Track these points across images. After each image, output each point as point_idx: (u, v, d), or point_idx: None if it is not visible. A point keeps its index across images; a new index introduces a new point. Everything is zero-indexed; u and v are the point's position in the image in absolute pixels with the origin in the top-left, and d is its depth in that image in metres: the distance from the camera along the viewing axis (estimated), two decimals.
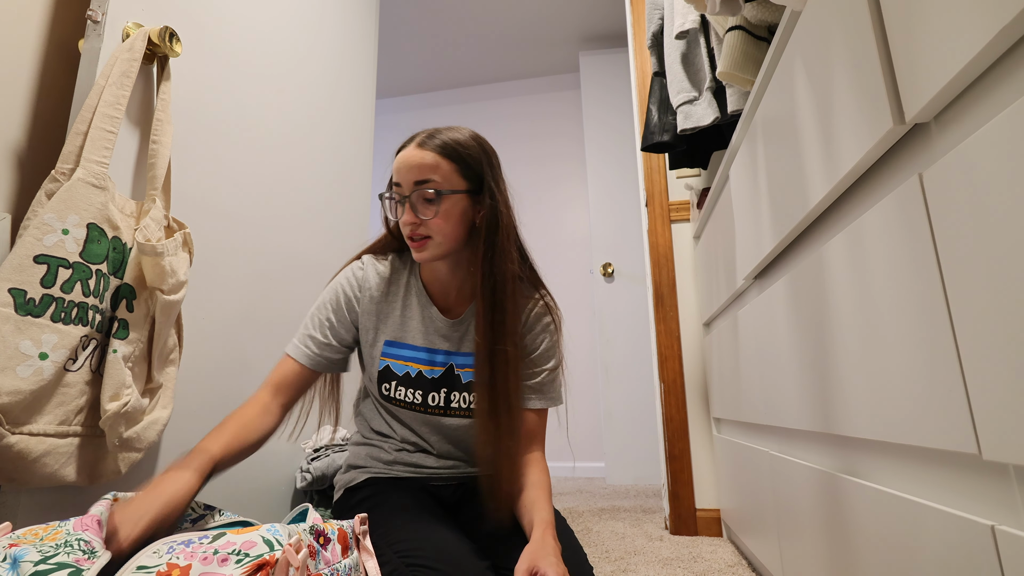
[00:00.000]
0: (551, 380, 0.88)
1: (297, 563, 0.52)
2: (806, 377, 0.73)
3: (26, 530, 0.49)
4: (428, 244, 0.81)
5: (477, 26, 2.88)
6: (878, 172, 0.55)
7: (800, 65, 0.68)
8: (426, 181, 0.79)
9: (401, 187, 0.80)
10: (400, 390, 0.86)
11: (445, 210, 0.80)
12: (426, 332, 0.88)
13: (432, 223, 0.79)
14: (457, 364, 0.88)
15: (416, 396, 0.86)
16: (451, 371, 0.88)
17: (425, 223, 0.79)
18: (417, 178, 0.79)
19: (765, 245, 0.88)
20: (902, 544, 0.50)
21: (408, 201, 0.80)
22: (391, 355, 0.87)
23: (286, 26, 1.29)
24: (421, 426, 0.88)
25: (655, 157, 1.80)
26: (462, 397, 0.87)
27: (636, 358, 2.60)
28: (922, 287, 0.45)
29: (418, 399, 0.86)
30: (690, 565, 1.25)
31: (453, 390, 0.87)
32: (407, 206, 0.80)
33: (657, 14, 1.50)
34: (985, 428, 0.38)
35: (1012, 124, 0.34)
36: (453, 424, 0.88)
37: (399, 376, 0.86)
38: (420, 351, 0.87)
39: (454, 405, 0.87)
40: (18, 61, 0.81)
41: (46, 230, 0.68)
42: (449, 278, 0.88)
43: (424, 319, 0.88)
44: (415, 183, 0.79)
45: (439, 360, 0.87)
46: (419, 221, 0.79)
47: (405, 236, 0.82)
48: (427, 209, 0.80)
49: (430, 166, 0.79)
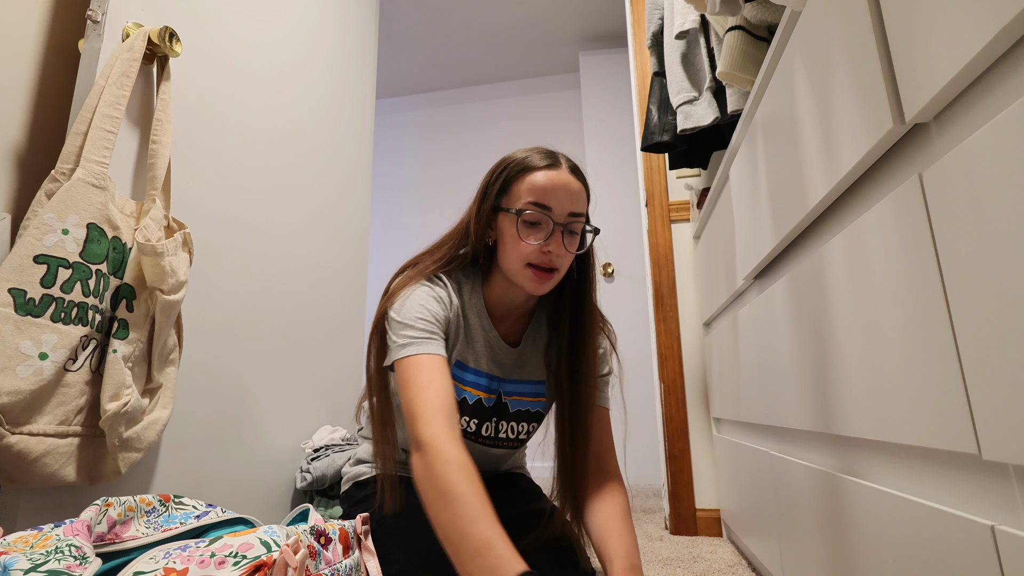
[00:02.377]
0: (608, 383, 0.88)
1: (295, 563, 0.52)
2: (806, 377, 0.73)
3: (16, 536, 0.49)
4: (554, 277, 0.77)
5: (477, 26, 2.88)
6: (878, 172, 0.55)
7: (800, 65, 0.68)
8: (580, 215, 0.76)
9: (551, 211, 0.75)
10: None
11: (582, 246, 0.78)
12: (488, 357, 0.84)
13: (568, 257, 0.76)
14: (505, 392, 0.85)
15: (471, 425, 0.83)
16: (500, 399, 0.85)
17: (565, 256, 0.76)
18: (574, 209, 0.76)
19: (765, 245, 0.88)
20: (902, 544, 0.50)
21: (561, 229, 0.75)
22: (456, 377, 0.81)
23: (286, 26, 1.29)
24: None
25: (655, 157, 1.80)
26: (510, 427, 0.85)
27: (636, 358, 2.60)
28: (922, 287, 0.44)
29: (472, 428, 0.83)
30: (690, 565, 1.25)
31: (502, 419, 0.85)
32: (556, 234, 0.74)
33: (657, 14, 1.50)
34: (985, 428, 0.38)
35: (1012, 124, 0.34)
36: (496, 453, 0.87)
37: (458, 401, 0.81)
38: (482, 376, 0.83)
39: (502, 435, 0.85)
40: (18, 61, 0.81)
41: (46, 230, 0.68)
42: (522, 305, 0.85)
43: (487, 343, 0.84)
44: (571, 214, 0.75)
45: (493, 387, 0.84)
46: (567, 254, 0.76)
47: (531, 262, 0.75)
48: (573, 243, 0.77)
49: (583, 200, 0.77)
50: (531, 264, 0.75)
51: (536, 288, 0.76)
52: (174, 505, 0.69)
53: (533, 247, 0.74)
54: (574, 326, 0.82)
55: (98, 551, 0.55)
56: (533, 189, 0.75)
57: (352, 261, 1.53)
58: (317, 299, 1.34)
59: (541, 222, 0.75)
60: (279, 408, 1.19)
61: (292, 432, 1.23)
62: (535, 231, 0.75)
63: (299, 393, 1.26)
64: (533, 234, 0.75)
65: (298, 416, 1.26)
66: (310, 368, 1.29)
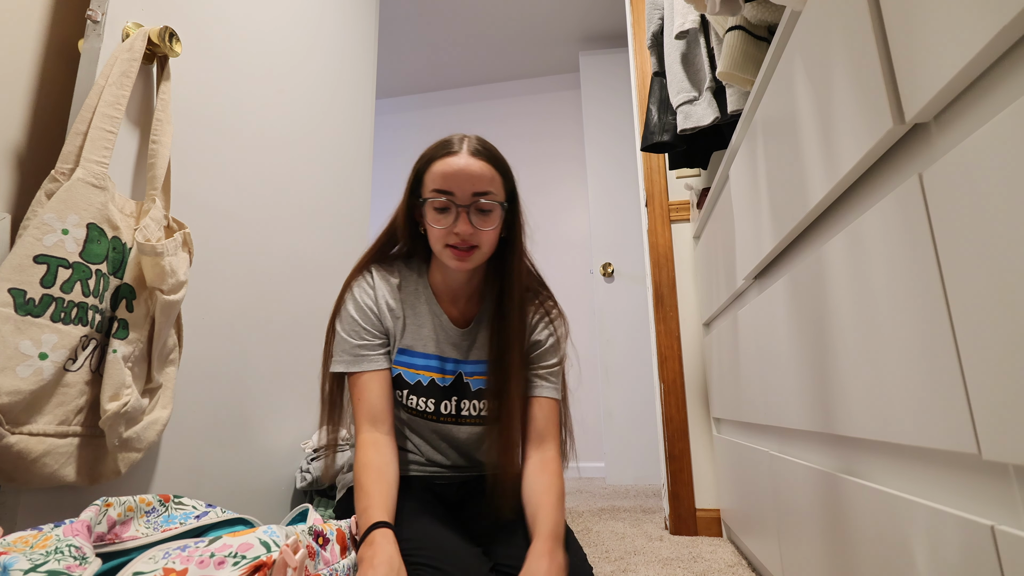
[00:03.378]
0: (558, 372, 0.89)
1: (294, 563, 0.52)
2: (806, 377, 0.73)
3: (16, 536, 0.49)
4: (475, 254, 0.81)
5: (477, 26, 2.88)
6: (878, 172, 0.55)
7: (800, 65, 0.68)
8: (486, 193, 0.80)
9: (454, 195, 0.79)
10: (412, 398, 0.86)
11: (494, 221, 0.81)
12: (437, 340, 0.88)
13: (484, 234, 0.80)
14: (466, 372, 0.88)
15: (428, 405, 0.86)
16: (460, 379, 0.88)
17: (477, 233, 0.80)
18: (477, 189, 0.79)
19: (765, 245, 0.88)
20: (902, 544, 0.50)
21: (465, 211, 0.79)
22: (403, 363, 0.87)
23: (286, 26, 1.29)
24: (431, 435, 0.89)
25: (655, 157, 1.80)
26: (472, 405, 0.87)
27: (636, 358, 2.60)
28: (922, 287, 0.44)
29: (430, 407, 0.86)
30: (690, 565, 1.25)
31: (464, 398, 0.87)
32: (463, 216, 0.79)
33: (657, 14, 1.50)
34: (985, 428, 0.38)
35: (1012, 124, 0.34)
36: (464, 432, 0.88)
37: (411, 384, 0.86)
38: (432, 359, 0.87)
39: (465, 413, 0.87)
40: (18, 61, 0.81)
41: (46, 230, 0.68)
42: (464, 286, 0.89)
43: (435, 327, 0.88)
44: (474, 194, 0.79)
45: (449, 368, 0.88)
46: (476, 231, 0.80)
47: (448, 243, 0.80)
48: (484, 220, 0.81)
49: (488, 178, 0.80)
50: (448, 245, 0.80)
51: (458, 265, 0.81)
52: (174, 505, 0.69)
53: (443, 230, 0.80)
54: (499, 295, 0.87)
55: (98, 551, 0.55)
56: (435, 177, 0.80)
57: (352, 261, 1.52)
58: (317, 299, 1.34)
59: (448, 207, 0.80)
60: (279, 408, 1.19)
61: (292, 432, 1.23)
62: (443, 216, 0.80)
63: (299, 393, 1.26)
64: (442, 218, 0.80)
65: (298, 416, 1.26)
66: (310, 368, 1.29)
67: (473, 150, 0.81)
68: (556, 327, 0.91)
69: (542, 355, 0.88)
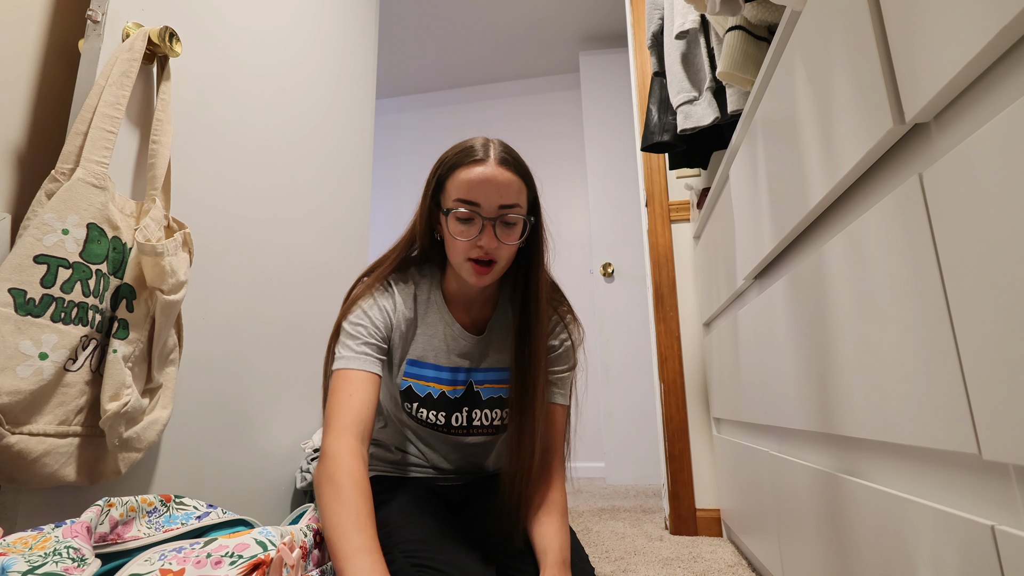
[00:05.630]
0: (568, 379, 0.88)
1: (292, 561, 0.52)
2: (806, 377, 0.73)
3: (15, 537, 0.49)
4: (494, 269, 0.77)
5: (477, 26, 2.88)
6: (878, 172, 0.55)
7: (800, 65, 0.68)
8: (514, 206, 0.76)
9: (480, 207, 0.75)
10: (422, 411, 0.84)
11: (517, 235, 0.78)
12: (448, 351, 0.85)
13: (506, 248, 0.76)
14: (476, 381, 0.86)
15: (439, 418, 0.84)
16: (471, 389, 0.85)
17: (500, 247, 0.76)
18: (504, 202, 0.75)
19: (765, 245, 0.88)
20: (902, 544, 0.50)
21: (491, 223, 0.75)
22: (413, 375, 0.84)
23: (286, 26, 1.29)
24: (441, 444, 0.88)
25: (655, 157, 1.80)
26: (483, 415, 0.85)
27: (636, 358, 2.60)
28: (922, 287, 0.44)
29: (441, 420, 0.84)
30: (690, 565, 1.25)
31: (475, 408, 0.85)
32: (488, 229, 0.75)
33: (657, 14, 1.50)
34: (985, 428, 0.38)
35: (1012, 124, 0.34)
36: (474, 442, 0.87)
37: (421, 397, 0.83)
38: (443, 371, 0.85)
39: (476, 423, 0.85)
40: (18, 61, 0.81)
41: (46, 230, 0.68)
42: (479, 293, 0.85)
43: (447, 336, 0.85)
44: (501, 207, 0.75)
45: (460, 379, 0.85)
46: (500, 245, 0.75)
47: (467, 256, 0.76)
48: (508, 234, 0.76)
49: (516, 189, 0.76)
50: (469, 259, 0.77)
51: (477, 280, 0.77)
52: (175, 505, 0.69)
53: (467, 243, 0.76)
54: (523, 309, 0.83)
55: (99, 551, 0.55)
56: (461, 186, 0.76)
57: (352, 261, 1.53)
58: (318, 299, 1.34)
59: (472, 218, 0.75)
60: (279, 408, 1.19)
61: (292, 432, 1.23)
62: (467, 227, 0.76)
63: (299, 393, 1.26)
64: (466, 231, 0.76)
65: (298, 416, 1.26)
66: (310, 368, 1.29)
67: (500, 159, 0.76)
68: (571, 332, 0.88)
69: (553, 360, 0.86)
